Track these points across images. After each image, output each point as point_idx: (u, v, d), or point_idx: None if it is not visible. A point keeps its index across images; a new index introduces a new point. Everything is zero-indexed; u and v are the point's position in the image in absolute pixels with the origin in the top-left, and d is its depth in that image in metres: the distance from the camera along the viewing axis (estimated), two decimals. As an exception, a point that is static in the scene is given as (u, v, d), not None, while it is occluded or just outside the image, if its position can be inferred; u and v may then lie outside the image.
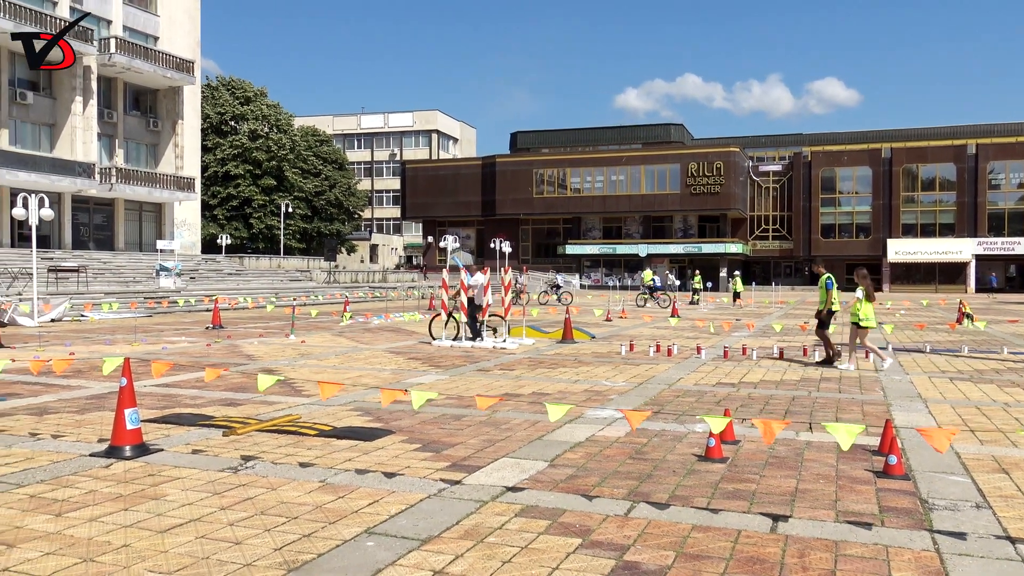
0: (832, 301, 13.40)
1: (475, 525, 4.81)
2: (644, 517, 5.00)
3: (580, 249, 68.68)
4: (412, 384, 10.75)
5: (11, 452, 6.65)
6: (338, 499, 5.33)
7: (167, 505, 5.17)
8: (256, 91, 66.08)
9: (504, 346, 15.82)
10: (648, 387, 10.62)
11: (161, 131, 44.69)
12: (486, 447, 6.90)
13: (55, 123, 38.82)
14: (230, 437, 7.25)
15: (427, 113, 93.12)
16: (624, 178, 67.26)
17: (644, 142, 74.48)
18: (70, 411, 8.60)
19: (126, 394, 6.38)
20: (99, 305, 25.90)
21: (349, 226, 74.72)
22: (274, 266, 48.61)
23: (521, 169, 69.82)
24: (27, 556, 4.25)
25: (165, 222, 44.93)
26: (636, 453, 6.73)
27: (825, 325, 13.48)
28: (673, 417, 8.38)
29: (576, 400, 9.45)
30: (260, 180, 63.11)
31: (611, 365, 13.09)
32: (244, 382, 10.80)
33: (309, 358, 14.06)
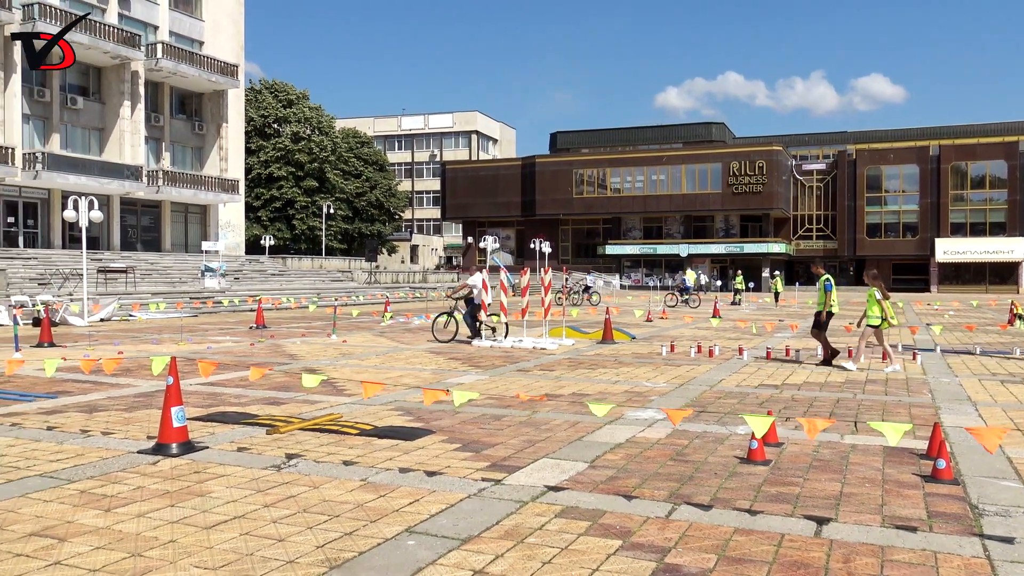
0: (831, 303, 13.26)
1: (515, 525, 4.81)
2: (685, 519, 4.96)
3: (620, 249, 68.35)
4: (452, 384, 10.79)
5: (63, 448, 6.81)
6: (379, 498, 5.37)
7: (212, 502, 5.25)
8: (298, 94, 66.88)
9: (544, 346, 15.80)
10: (689, 388, 10.53)
11: (206, 134, 45.46)
12: (526, 447, 6.89)
13: (104, 127, 39.70)
14: (273, 435, 7.35)
15: (467, 114, 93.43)
16: (665, 177, 66.79)
17: (685, 141, 73.88)
18: (119, 409, 8.79)
19: (173, 393, 6.49)
20: (146, 305, 26.42)
21: (390, 227, 75.26)
22: (316, 267, 49.13)
23: (561, 169, 69.70)
24: (78, 550, 4.35)
25: (210, 223, 45.68)
26: (677, 455, 6.68)
27: (822, 327, 13.31)
28: (715, 419, 8.30)
29: (616, 401, 9.41)
30: (302, 182, 63.85)
31: (652, 366, 13.01)
32: (287, 381, 10.94)
33: (350, 358, 14.19)
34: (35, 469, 6.09)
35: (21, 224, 36.75)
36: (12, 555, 4.25)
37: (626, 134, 79.00)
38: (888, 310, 12.37)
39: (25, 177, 34.78)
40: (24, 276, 29.18)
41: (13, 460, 6.37)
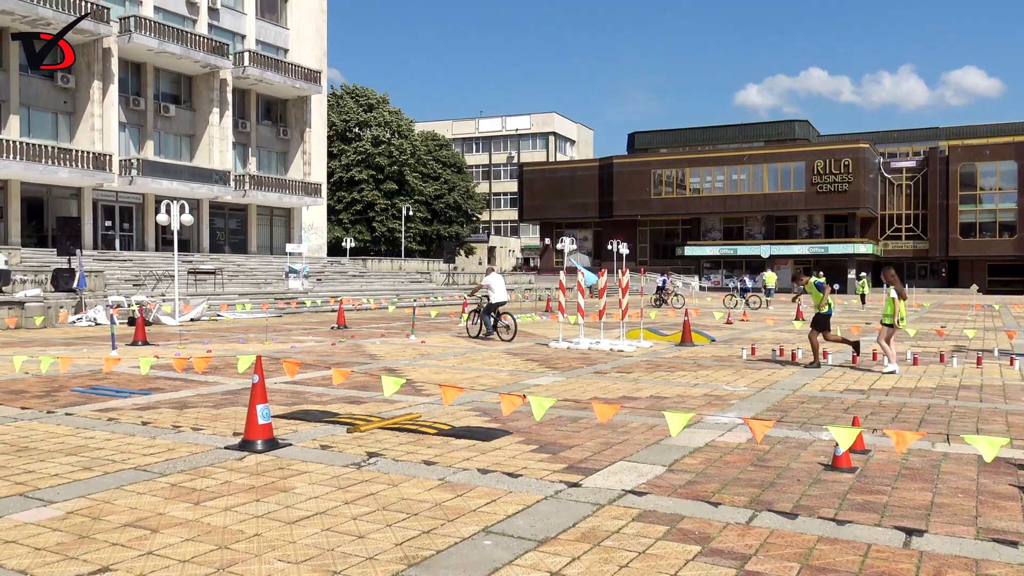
0: (826, 301, 12.99)
1: (592, 528, 4.79)
2: (766, 526, 4.84)
3: (699, 250, 67.34)
4: (529, 386, 10.81)
5: (155, 443, 7.08)
6: (456, 497, 5.41)
7: (295, 497, 5.38)
8: (378, 98, 68.07)
9: (621, 348, 15.69)
10: (771, 392, 10.30)
11: (290, 139, 46.69)
12: (603, 450, 6.85)
13: (194, 134, 41.18)
14: (354, 434, 7.49)
15: (544, 116, 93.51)
16: (746, 177, 65.54)
17: (767, 140, 72.35)
18: (207, 405, 9.09)
19: (258, 391, 6.67)
20: (233, 305, 27.29)
21: (467, 229, 75.90)
22: (395, 268, 49.90)
23: (639, 170, 69.11)
24: (169, 541, 4.51)
25: (294, 226, 46.90)
26: (758, 460, 6.53)
27: (824, 327, 13.02)
28: (797, 424, 8.10)
29: (695, 404, 9.27)
30: (382, 185, 64.95)
31: (731, 369, 12.77)
32: (367, 381, 11.13)
33: (429, 358, 14.36)
34: (130, 462, 6.35)
35: (117, 227, 38.43)
36: (108, 544, 4.44)
37: (705, 133, 77.83)
38: (901, 311, 12.13)
39: (121, 183, 36.36)
40: (120, 277, 30.48)
41: (109, 453, 6.65)
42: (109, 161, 35.19)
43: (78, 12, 33.63)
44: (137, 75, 38.78)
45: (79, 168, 34.01)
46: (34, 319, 21.48)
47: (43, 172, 32.97)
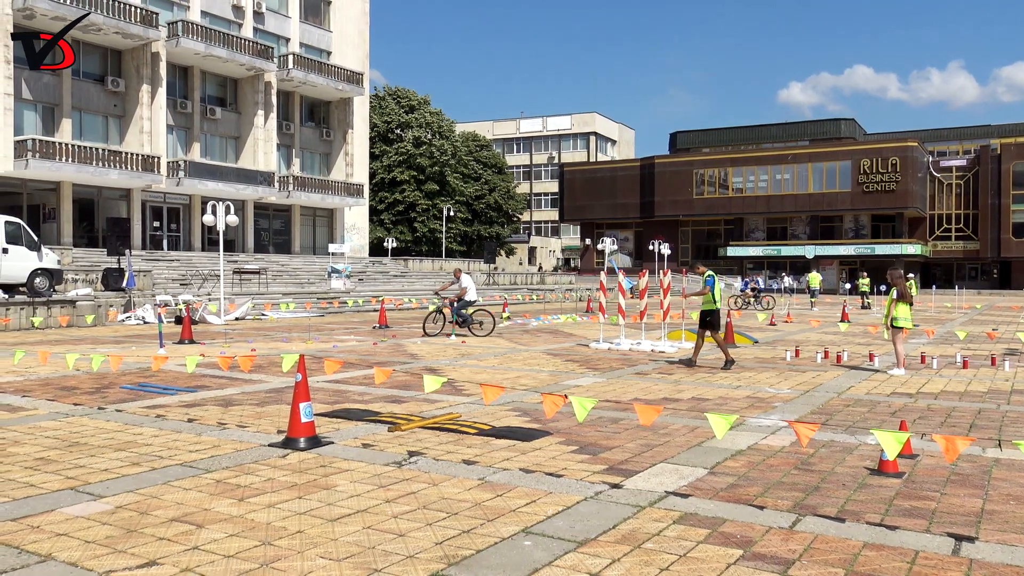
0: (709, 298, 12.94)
1: (632, 530, 4.76)
2: (810, 531, 4.77)
3: (742, 251, 66.60)
4: (570, 386, 10.78)
5: (201, 440, 7.21)
6: (496, 497, 5.42)
7: (337, 495, 5.43)
8: (420, 99, 68.47)
9: (663, 349, 15.58)
10: (815, 395, 10.14)
11: (333, 140, 47.19)
12: (644, 451, 6.81)
13: (239, 136, 41.83)
14: (395, 433, 7.54)
15: (585, 116, 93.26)
16: (790, 177, 64.66)
17: (811, 138, 71.30)
18: (251, 403, 9.23)
19: (301, 389, 6.75)
20: (277, 305, 27.65)
21: (508, 229, 76.01)
22: (436, 268, 50.15)
23: (681, 169, 68.58)
24: (214, 536, 4.59)
25: (336, 227, 47.39)
26: (802, 464, 6.44)
27: (712, 327, 12.96)
28: (843, 427, 7.96)
29: (738, 407, 9.17)
30: (424, 185, 65.31)
31: (775, 371, 12.61)
32: (408, 380, 11.20)
33: (469, 358, 14.40)
34: (176, 459, 6.46)
35: (165, 228, 39.19)
36: (156, 539, 4.53)
37: (749, 132, 76.97)
38: (895, 311, 12.18)
39: (169, 184, 37.08)
40: (167, 277, 31.09)
41: (157, 450, 6.79)
42: (157, 163, 35.89)
43: (127, 17, 34.38)
44: (184, 78, 39.50)
45: (128, 170, 34.75)
46: (85, 317, 21.99)
47: (94, 174, 33.75)
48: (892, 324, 12.32)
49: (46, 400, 9.39)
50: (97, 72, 36.17)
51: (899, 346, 12.35)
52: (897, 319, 12.24)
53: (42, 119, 34.31)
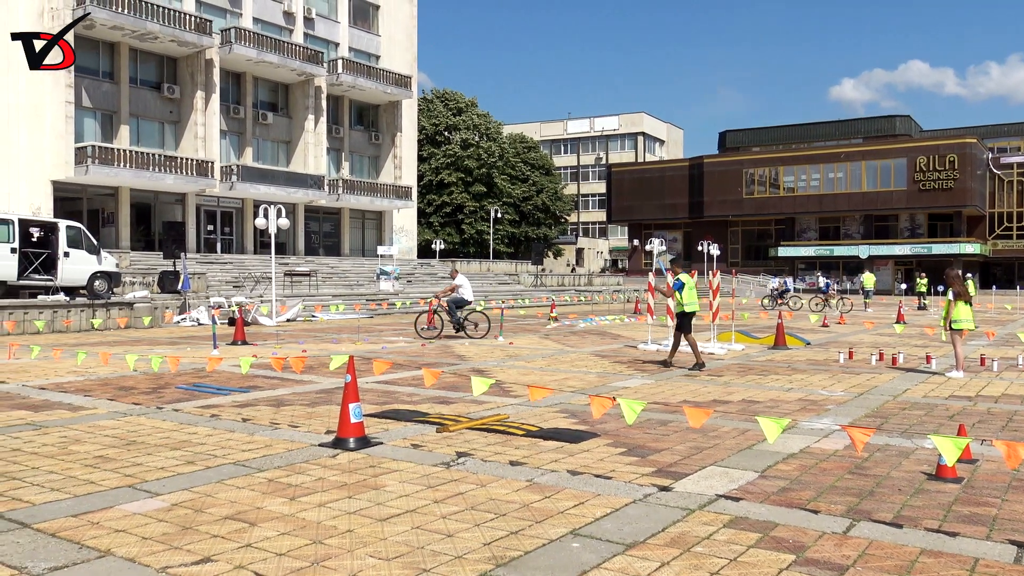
0: (687, 302, 12.96)
1: (681, 533, 4.72)
2: (865, 537, 4.67)
3: (793, 251, 65.52)
4: (618, 388, 10.73)
5: (253, 439, 7.33)
6: (544, 499, 5.41)
7: (386, 495, 5.48)
8: (467, 102, 68.77)
9: (712, 351, 15.41)
10: (870, 398, 9.94)
11: (381, 144, 47.66)
12: (693, 454, 6.74)
13: (290, 140, 42.49)
14: (443, 434, 7.58)
15: (633, 116, 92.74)
16: (843, 175, 63.44)
17: (865, 136, 69.89)
18: (302, 404, 9.36)
19: (350, 390, 6.82)
20: (327, 307, 28.01)
21: (555, 230, 75.89)
22: (484, 270, 50.32)
23: (730, 169, 67.75)
24: (266, 534, 4.66)
25: (385, 229, 47.84)
26: (856, 468, 6.31)
27: (682, 328, 12.99)
28: (898, 431, 7.79)
29: (789, 409, 9.03)
30: (471, 187, 65.57)
31: (828, 373, 12.38)
32: (456, 381, 11.25)
33: (517, 359, 14.41)
34: (230, 457, 6.59)
35: (218, 231, 39.98)
36: (210, 536, 4.62)
37: (800, 130, 75.73)
38: (955, 313, 11.97)
39: (222, 188, 37.82)
40: (221, 279, 31.70)
41: (211, 448, 6.92)
42: (211, 167, 36.64)
43: (182, 25, 35.16)
44: (237, 84, 40.25)
45: (183, 175, 35.53)
46: (143, 319, 22.53)
47: (150, 179, 34.58)
48: (951, 326, 12.06)
49: (106, 400, 9.65)
50: (153, 79, 37.06)
51: (958, 348, 12.08)
52: (956, 320, 11.99)
53: (101, 126, 35.27)
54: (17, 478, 5.90)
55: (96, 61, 34.89)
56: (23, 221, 21.70)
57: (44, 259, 21.81)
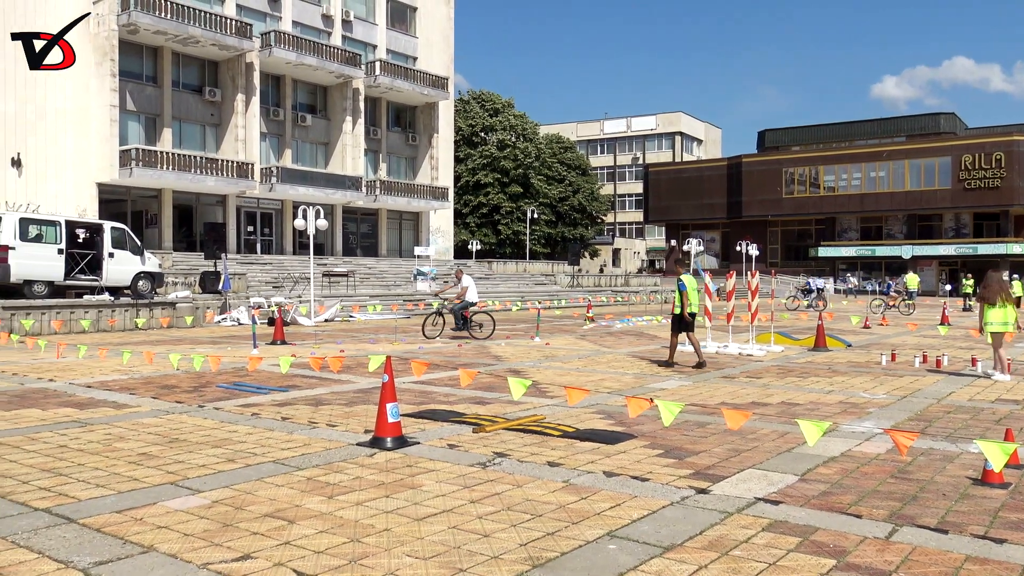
0: (688, 303, 13.20)
1: (719, 536, 4.67)
2: (908, 542, 4.59)
3: (834, 251, 64.56)
4: (655, 389, 10.66)
5: (292, 438, 7.41)
6: (580, 500, 5.40)
7: (423, 495, 5.51)
8: (504, 103, 68.86)
9: (751, 353, 15.26)
10: (913, 401, 9.76)
11: (418, 145, 47.92)
12: (731, 456, 6.68)
13: (328, 142, 42.90)
14: (479, 434, 7.60)
15: (670, 115, 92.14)
16: (885, 174, 62.38)
17: (908, 134, 68.60)
18: (340, 403, 9.44)
19: (388, 390, 6.87)
20: (365, 307, 28.22)
21: (592, 231, 75.68)
22: (520, 270, 50.33)
23: (769, 168, 66.99)
24: (304, 532, 4.71)
25: (422, 230, 48.09)
26: (899, 472, 6.20)
27: (683, 328, 13.32)
28: (943, 435, 7.64)
29: (830, 412, 8.90)
30: (507, 188, 65.65)
31: (870, 376, 12.19)
32: (492, 382, 11.27)
33: (553, 360, 14.39)
34: (269, 456, 6.67)
35: (258, 232, 40.50)
36: (250, 533, 4.68)
37: (841, 129, 74.55)
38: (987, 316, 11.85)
39: (262, 190, 38.32)
40: (261, 280, 32.11)
41: (251, 447, 7.01)
42: (251, 169, 37.13)
43: (223, 29, 35.68)
44: (276, 87, 40.75)
45: (224, 176, 36.05)
46: (185, 319, 22.90)
47: (192, 181, 35.15)
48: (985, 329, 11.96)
49: (149, 398, 9.82)
50: (195, 83, 37.66)
51: (1000, 351, 11.86)
52: (989, 323, 11.86)
53: (145, 129, 35.93)
54: (64, 474, 6.04)
55: (140, 65, 35.57)
56: (69, 223, 22.18)
57: (90, 260, 22.28)
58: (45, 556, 4.29)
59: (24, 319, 19.12)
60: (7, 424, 8.05)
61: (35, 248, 21.05)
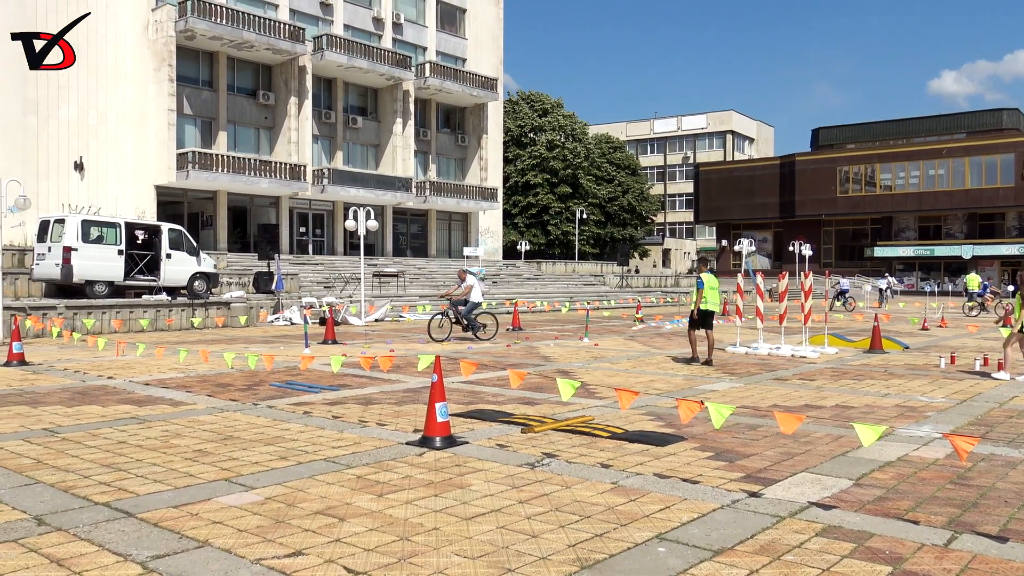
0: (704, 300, 13.44)
1: (771, 541, 4.60)
2: (968, 550, 4.46)
3: (891, 251, 63.14)
4: (705, 391, 10.55)
5: (343, 436, 7.50)
6: (629, 502, 5.36)
7: (471, 494, 5.53)
8: (553, 103, 68.78)
9: (804, 355, 15.00)
10: (973, 405, 9.49)
11: (467, 146, 48.13)
12: (783, 460, 6.57)
13: (379, 144, 43.34)
14: (528, 434, 7.59)
15: (721, 114, 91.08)
16: (944, 172, 60.81)
17: (968, 131, 66.77)
18: (390, 402, 9.53)
19: (437, 389, 6.91)
20: (414, 307, 28.44)
21: (642, 231, 75.21)
22: (569, 271, 50.22)
23: (823, 167, 65.78)
24: (354, 530, 4.76)
25: (471, 230, 48.28)
26: (958, 478, 6.04)
27: (698, 325, 13.64)
28: (1005, 441, 7.41)
29: (886, 416, 8.70)
30: (556, 188, 65.57)
31: (928, 379, 11.89)
32: (541, 382, 11.27)
33: (602, 361, 14.33)
34: (320, 454, 6.76)
35: (310, 233, 41.09)
36: (301, 530, 4.75)
37: (898, 126, 72.89)
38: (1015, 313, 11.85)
39: (314, 191, 38.88)
40: (312, 280, 32.57)
41: (303, 445, 7.12)
42: (303, 171, 37.69)
43: (277, 34, 36.28)
44: (328, 90, 41.30)
45: (277, 178, 36.67)
46: (239, 318, 23.34)
47: (246, 183, 35.81)
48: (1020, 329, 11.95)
49: (205, 396, 10.03)
50: (249, 87, 38.37)
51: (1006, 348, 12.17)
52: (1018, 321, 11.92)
53: (201, 132, 36.72)
54: (123, 469, 6.20)
55: (196, 70, 36.36)
56: (129, 224, 22.77)
57: (148, 260, 22.85)
58: (105, 549, 4.41)
59: (86, 318, 19.68)
60: (70, 420, 8.30)
61: (96, 249, 21.67)
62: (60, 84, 31.72)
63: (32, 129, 31.26)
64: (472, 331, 18.40)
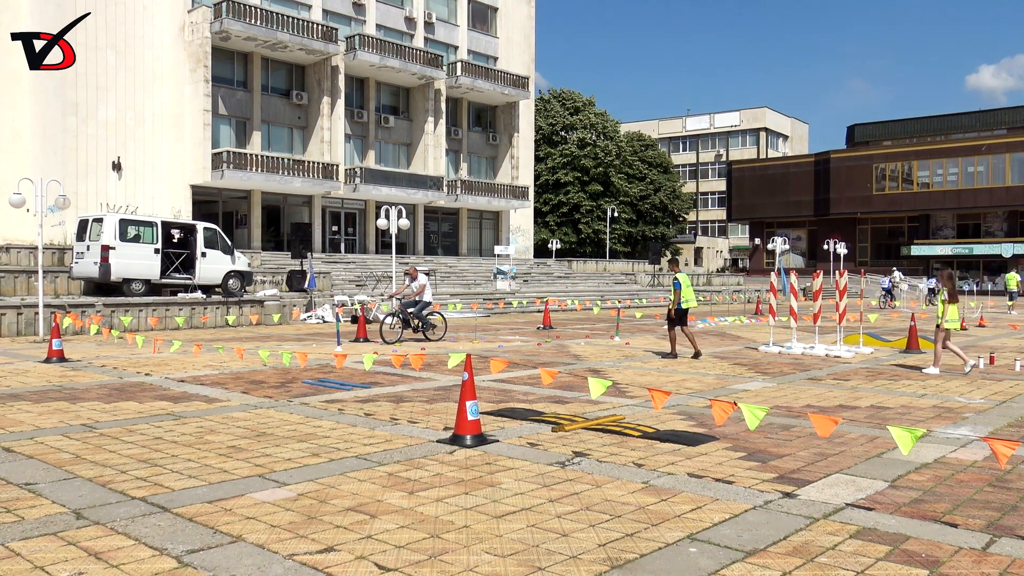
0: (683, 299, 14.37)
1: (804, 542, 4.55)
2: (1007, 554, 4.38)
3: (928, 250, 62.12)
4: (737, 391, 10.46)
5: (374, 434, 7.55)
6: (660, 501, 5.33)
7: (501, 492, 5.53)
8: (584, 101, 68.58)
9: (838, 354, 14.82)
10: (1013, 406, 9.31)
11: (499, 144, 48.16)
12: (817, 461, 6.50)
13: (411, 143, 43.52)
14: (558, 433, 7.59)
15: (754, 111, 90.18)
16: (984, 169, 59.68)
17: (1010, 127, 65.47)
18: (421, 400, 9.57)
19: (468, 388, 6.93)
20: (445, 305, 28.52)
21: (673, 229, 74.73)
22: (600, 269, 50.06)
23: (858, 164, 64.86)
24: (385, 527, 4.79)
25: (502, 229, 48.31)
26: (997, 480, 5.93)
27: (677, 322, 14.48)
28: (1046, 442, 7.26)
29: (922, 417, 8.57)
30: (588, 186, 65.39)
31: (966, 379, 11.68)
32: (571, 381, 11.25)
33: (633, 360, 14.27)
34: (352, 451, 6.81)
35: (342, 232, 41.38)
36: (333, 526, 4.79)
37: (935, 122, 71.70)
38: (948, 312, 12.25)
39: (346, 190, 39.14)
40: (344, 278, 32.80)
41: (335, 442, 7.17)
42: (336, 170, 37.96)
43: (310, 34, 36.58)
44: (360, 89, 41.56)
45: (310, 178, 36.97)
46: (272, 316, 23.59)
47: (280, 182, 36.16)
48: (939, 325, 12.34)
49: (239, 392, 10.15)
50: (283, 87, 38.72)
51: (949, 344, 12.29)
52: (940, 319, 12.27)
53: (235, 132, 37.14)
54: (159, 465, 6.29)
55: (231, 71, 36.78)
56: (165, 223, 23.12)
57: (184, 259, 23.18)
58: (141, 543, 4.48)
59: (123, 316, 20.01)
60: (107, 416, 8.44)
61: (133, 248, 22.03)
62: (99, 85, 32.28)
63: (71, 130, 31.83)
64: (424, 331, 18.01)
